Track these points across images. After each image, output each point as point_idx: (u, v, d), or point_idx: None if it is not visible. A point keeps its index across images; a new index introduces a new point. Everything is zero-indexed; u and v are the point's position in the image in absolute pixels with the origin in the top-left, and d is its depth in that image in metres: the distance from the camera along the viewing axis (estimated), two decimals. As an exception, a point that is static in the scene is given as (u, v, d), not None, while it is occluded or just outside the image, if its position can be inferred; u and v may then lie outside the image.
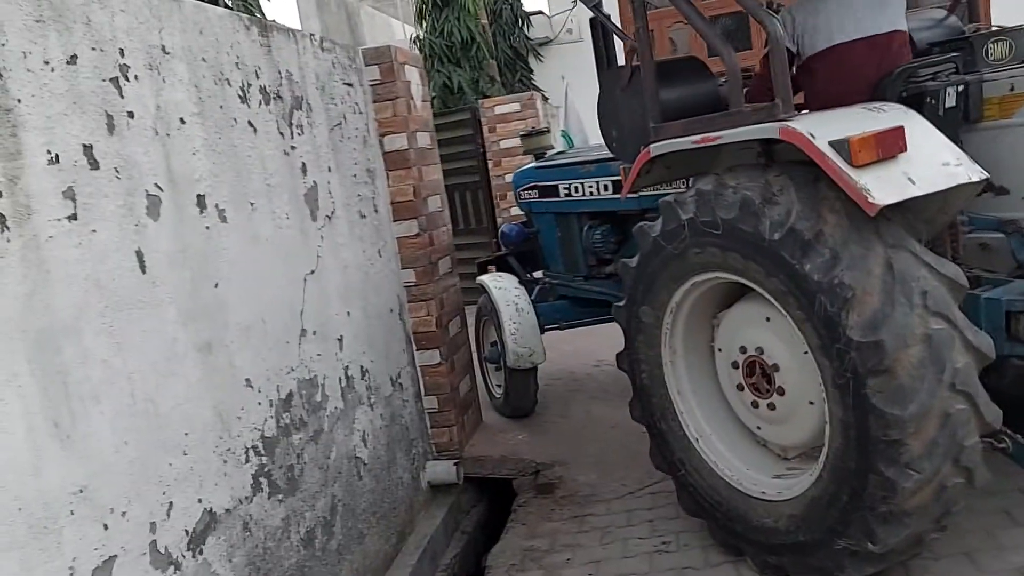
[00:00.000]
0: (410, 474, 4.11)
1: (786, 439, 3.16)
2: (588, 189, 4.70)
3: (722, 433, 3.33)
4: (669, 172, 3.45)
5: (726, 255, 2.86)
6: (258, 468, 2.82)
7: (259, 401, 2.87)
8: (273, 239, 3.07)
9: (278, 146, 3.18)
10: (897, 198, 2.50)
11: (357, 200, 3.85)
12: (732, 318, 3.19)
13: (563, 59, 10.94)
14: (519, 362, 4.84)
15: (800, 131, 2.63)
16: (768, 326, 2.98)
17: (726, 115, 2.99)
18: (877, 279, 2.49)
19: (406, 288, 4.33)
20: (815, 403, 2.87)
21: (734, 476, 3.22)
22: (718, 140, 2.96)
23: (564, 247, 5.11)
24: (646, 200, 4.15)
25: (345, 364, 3.53)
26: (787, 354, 2.94)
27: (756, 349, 3.05)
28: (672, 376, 3.36)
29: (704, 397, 3.38)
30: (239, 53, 2.99)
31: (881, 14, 3.32)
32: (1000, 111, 3.15)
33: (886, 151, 2.55)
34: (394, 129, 4.21)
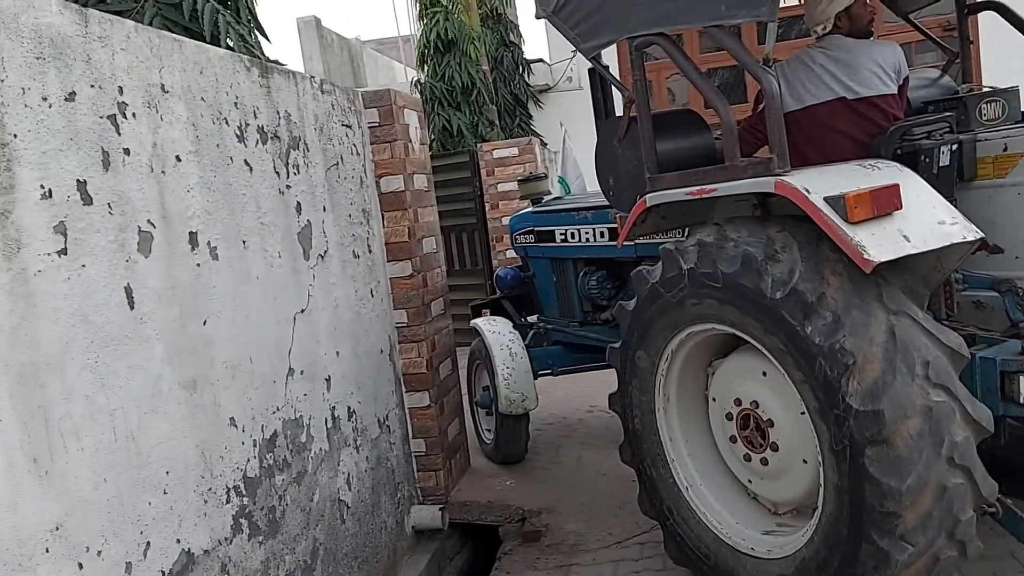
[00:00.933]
0: (394, 518, 4.07)
1: (777, 495, 3.13)
2: (585, 235, 4.71)
3: (712, 483, 3.31)
4: (664, 222, 3.48)
5: (724, 308, 2.85)
6: (239, 509, 2.79)
7: (243, 441, 2.84)
8: (264, 277, 3.07)
9: (273, 185, 3.20)
10: (892, 255, 2.50)
11: (351, 240, 3.86)
12: (728, 368, 3.18)
13: (562, 106, 11.07)
14: (511, 408, 4.79)
15: (795, 186, 2.64)
16: (764, 380, 2.96)
17: (721, 168, 3.00)
18: (879, 347, 2.47)
19: (398, 329, 4.32)
20: (809, 462, 2.85)
21: (723, 529, 3.19)
22: (713, 193, 2.97)
23: (559, 292, 5.10)
24: (642, 248, 4.17)
25: (332, 405, 3.51)
26: (783, 411, 2.91)
27: (751, 403, 3.03)
28: (664, 422, 3.35)
29: (696, 446, 3.36)
30: (238, 93, 3.02)
31: (860, 77, 3.37)
32: (994, 170, 3.18)
33: (881, 208, 2.56)
34: (391, 171, 4.24)
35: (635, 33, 3.22)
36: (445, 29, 9.42)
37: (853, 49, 3.42)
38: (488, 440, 5.21)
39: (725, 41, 2.96)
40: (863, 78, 3.37)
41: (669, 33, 3.16)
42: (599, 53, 3.54)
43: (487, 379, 5.07)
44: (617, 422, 5.73)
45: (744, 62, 2.93)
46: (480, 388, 5.29)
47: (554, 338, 5.25)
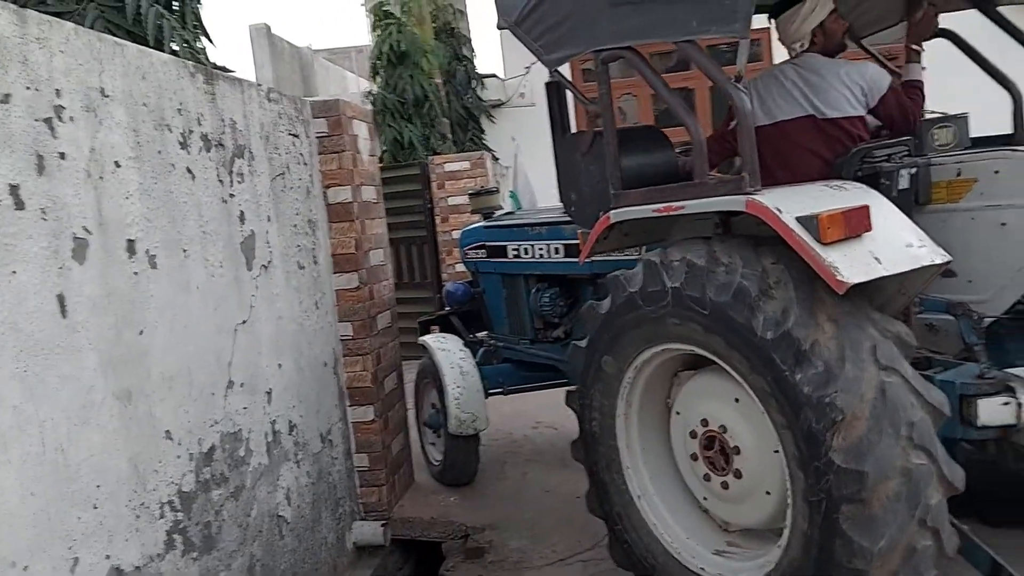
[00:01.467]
0: (335, 534, 4.01)
1: (733, 517, 3.11)
2: (538, 251, 4.62)
3: (666, 495, 3.28)
4: (627, 239, 3.43)
5: (709, 336, 2.77)
6: (173, 524, 2.71)
7: (178, 454, 2.77)
8: (205, 287, 3.01)
9: (216, 193, 3.14)
10: (865, 277, 2.48)
11: (296, 251, 3.81)
12: (697, 385, 3.12)
13: (515, 122, 11.10)
14: (462, 428, 4.67)
15: (767, 205, 2.61)
16: (736, 407, 2.91)
17: (689, 185, 2.97)
18: (868, 404, 2.44)
19: (342, 342, 4.27)
20: (772, 495, 2.82)
21: (673, 543, 3.17)
22: (681, 210, 2.93)
23: (510, 309, 5.02)
24: (597, 265, 4.11)
25: (273, 418, 3.45)
26: (753, 443, 2.86)
27: (719, 426, 2.97)
28: (624, 429, 3.29)
29: (652, 455, 3.32)
30: (182, 99, 2.97)
31: (826, 96, 3.38)
32: (948, 195, 3.22)
33: (853, 229, 2.55)
34: (339, 181, 4.20)
35: (602, 46, 3.17)
36: (398, 41, 9.39)
37: (825, 68, 3.43)
38: (436, 461, 5.06)
39: (696, 57, 2.92)
40: (832, 98, 3.38)
41: (636, 48, 3.13)
42: (560, 66, 3.49)
43: (436, 398, 4.94)
44: (563, 439, 5.75)
45: (716, 79, 2.90)
46: (428, 407, 5.14)
47: (504, 355, 5.14)
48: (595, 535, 4.19)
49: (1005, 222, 3.11)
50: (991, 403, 2.68)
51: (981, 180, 3.17)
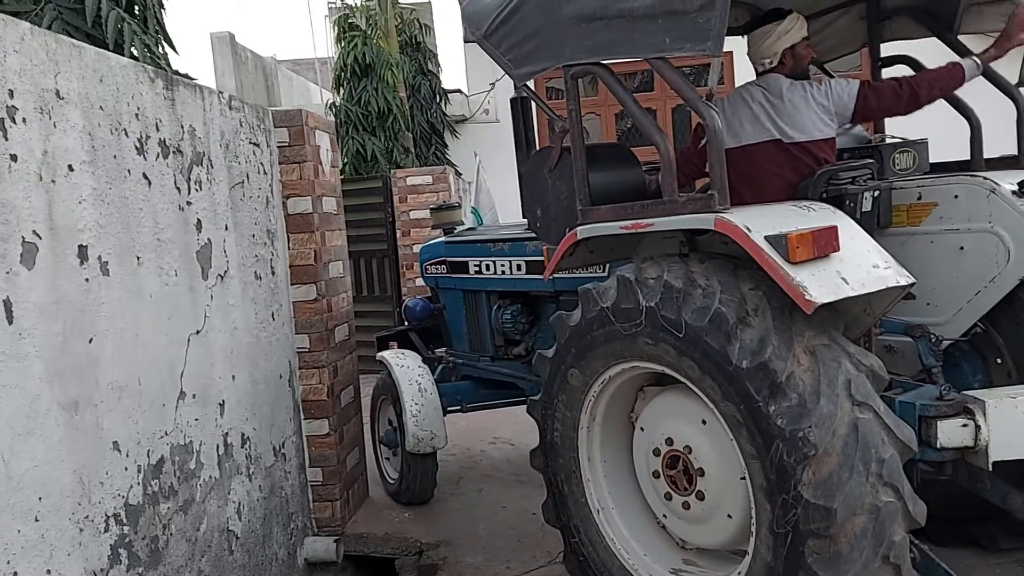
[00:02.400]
0: (286, 550, 3.94)
1: (691, 537, 3.10)
2: (500, 267, 4.58)
3: (624, 510, 3.27)
4: (592, 256, 3.39)
5: (682, 359, 2.74)
6: (118, 538, 2.64)
7: (126, 466, 2.70)
8: (158, 295, 2.95)
9: (173, 200, 3.09)
10: (832, 297, 2.49)
11: (254, 261, 3.76)
12: (663, 404, 3.10)
13: (478, 137, 11.12)
14: (420, 447, 4.58)
15: (736, 224, 2.61)
16: (703, 429, 2.89)
17: (659, 203, 2.96)
18: (840, 440, 2.44)
19: (299, 354, 4.22)
20: (734, 519, 2.83)
21: (630, 559, 3.16)
22: (650, 227, 2.92)
23: (471, 325, 4.96)
24: (560, 282, 4.09)
25: (225, 431, 3.38)
26: (718, 467, 2.84)
27: (684, 447, 2.95)
28: (585, 442, 3.27)
29: (612, 469, 3.31)
30: (140, 104, 2.92)
31: (796, 119, 3.40)
32: (908, 218, 3.30)
33: (821, 250, 2.56)
34: (299, 192, 4.16)
35: (572, 61, 3.14)
36: (363, 53, 9.37)
37: (791, 91, 3.43)
38: (392, 479, 4.98)
39: (667, 74, 2.90)
40: (798, 122, 3.39)
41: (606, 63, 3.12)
42: (527, 81, 3.46)
43: (393, 415, 4.87)
44: (520, 455, 5.73)
45: (687, 97, 2.88)
46: (384, 425, 5.06)
47: (463, 372, 5.07)
48: (550, 552, 4.18)
49: (963, 246, 3.19)
50: (950, 424, 2.71)
51: (941, 204, 3.23)
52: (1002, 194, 3.12)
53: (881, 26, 4.11)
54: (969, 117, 3.76)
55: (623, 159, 3.56)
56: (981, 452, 2.71)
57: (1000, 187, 3.14)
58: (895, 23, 4.07)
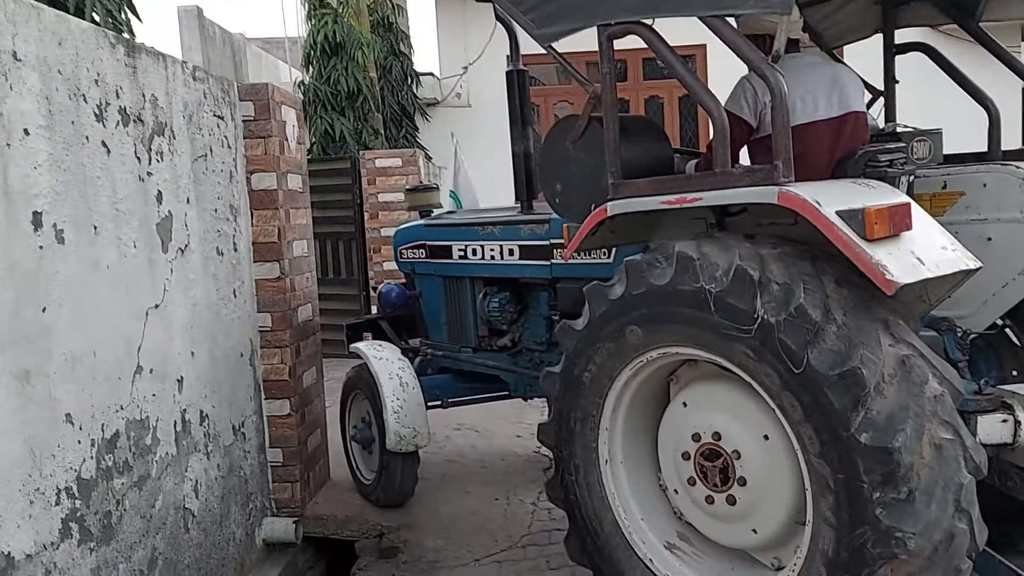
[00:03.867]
0: (244, 530, 3.89)
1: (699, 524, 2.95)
2: (489, 252, 4.29)
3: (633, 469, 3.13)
4: (613, 236, 3.15)
5: (757, 365, 2.50)
6: (70, 512, 2.58)
7: (79, 439, 2.64)
8: (116, 267, 2.88)
9: (133, 170, 3.02)
10: (913, 278, 2.33)
11: (216, 236, 3.69)
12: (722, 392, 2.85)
13: (449, 121, 11.03)
14: (401, 445, 4.24)
15: (805, 198, 2.40)
16: (763, 444, 2.68)
17: (708, 175, 2.74)
18: (927, 462, 2.30)
19: (260, 333, 4.16)
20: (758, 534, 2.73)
21: (625, 519, 3.05)
22: (699, 202, 2.69)
23: (451, 314, 4.68)
24: (559, 268, 3.87)
25: (183, 407, 3.33)
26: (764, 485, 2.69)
27: (733, 451, 2.74)
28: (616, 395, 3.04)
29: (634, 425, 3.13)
30: (100, 70, 2.84)
31: (842, 94, 3.25)
32: (932, 207, 3.15)
33: (897, 227, 2.40)
34: (264, 168, 4.09)
35: (609, 20, 2.87)
36: (333, 32, 9.26)
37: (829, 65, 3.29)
38: (367, 479, 4.64)
39: (727, 35, 2.66)
40: (850, 94, 3.25)
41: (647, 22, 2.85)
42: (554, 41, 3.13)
43: (367, 411, 4.58)
44: (484, 441, 5.72)
45: (749, 58, 2.64)
46: (358, 421, 4.73)
47: (440, 365, 4.79)
48: (511, 537, 4.19)
49: (991, 237, 3.09)
50: (990, 420, 2.62)
51: (968, 193, 3.12)
52: None
53: (896, 11, 3.85)
54: (988, 107, 3.59)
55: (653, 133, 3.34)
56: (1020, 449, 2.62)
57: None
58: (912, 8, 3.81)
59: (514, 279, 4.28)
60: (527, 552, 4.03)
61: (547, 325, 4.10)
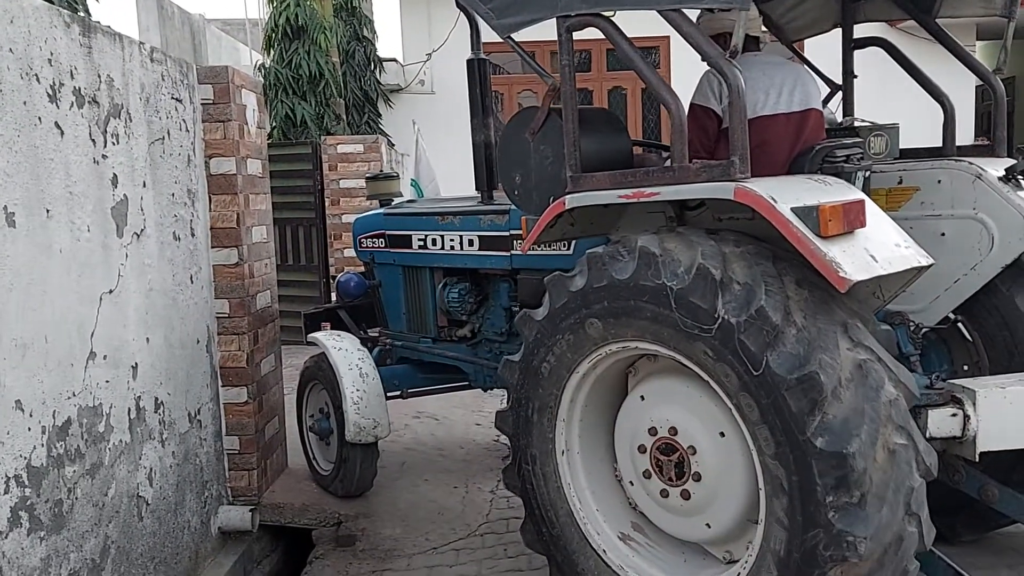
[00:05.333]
0: (199, 518, 3.85)
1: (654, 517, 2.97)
2: (449, 242, 4.26)
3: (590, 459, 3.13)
4: (572, 229, 3.13)
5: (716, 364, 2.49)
6: (19, 500, 2.53)
7: (29, 426, 2.59)
8: (69, 251, 2.83)
9: (87, 153, 2.96)
10: (867, 275, 2.34)
11: (172, 220, 3.63)
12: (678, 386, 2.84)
13: (412, 108, 10.96)
14: (361, 436, 4.20)
15: (760, 194, 2.41)
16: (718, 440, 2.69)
17: (665, 170, 2.74)
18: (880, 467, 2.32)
19: (218, 319, 4.10)
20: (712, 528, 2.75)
21: (581, 510, 3.05)
22: (656, 196, 2.69)
23: (411, 304, 4.66)
24: (519, 259, 3.85)
25: (137, 394, 3.27)
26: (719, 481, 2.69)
27: (689, 447, 2.74)
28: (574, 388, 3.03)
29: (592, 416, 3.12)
30: (54, 49, 2.78)
31: (804, 92, 3.27)
32: (887, 202, 3.19)
33: (851, 224, 2.40)
34: (223, 152, 4.03)
35: (569, 12, 2.87)
36: (296, 15, 9.13)
37: (790, 64, 3.31)
38: (324, 470, 4.60)
39: (685, 29, 2.66)
40: (810, 92, 3.27)
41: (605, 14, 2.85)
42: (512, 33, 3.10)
43: (325, 402, 4.54)
44: (444, 429, 5.71)
45: (707, 53, 2.64)
46: (315, 412, 4.68)
47: (400, 355, 4.76)
48: (469, 525, 4.20)
49: (944, 232, 3.12)
50: (940, 414, 2.65)
51: (923, 189, 3.15)
52: (988, 180, 3.05)
53: (856, 6, 3.90)
54: (943, 103, 3.63)
55: (612, 126, 3.32)
56: (968, 443, 2.65)
57: (986, 173, 3.07)
58: (870, 4, 3.86)
59: (474, 270, 4.26)
60: (485, 540, 4.05)
61: (507, 316, 4.10)
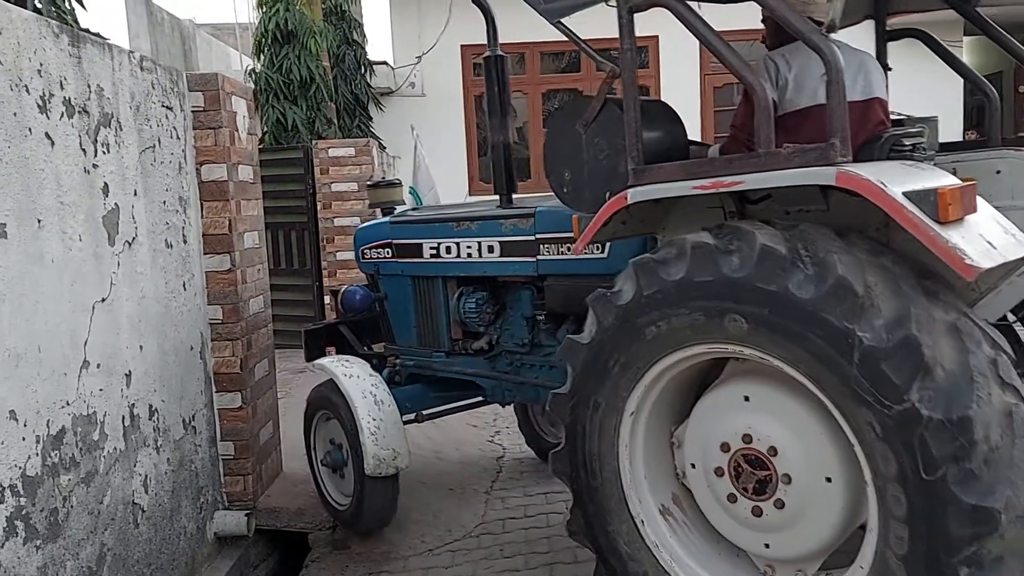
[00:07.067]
0: (195, 524, 3.86)
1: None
2: (466, 249, 4.00)
3: (652, 425, 2.85)
4: (625, 227, 2.92)
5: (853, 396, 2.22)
6: (14, 510, 2.55)
7: (23, 436, 2.60)
8: (61, 261, 2.84)
9: (78, 163, 2.97)
10: (991, 263, 2.15)
11: (164, 228, 3.64)
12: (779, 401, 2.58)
13: (404, 111, 10.96)
14: (381, 468, 3.89)
15: (869, 178, 2.21)
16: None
17: (749, 157, 2.52)
18: (997, 430, 2.11)
19: (211, 325, 4.12)
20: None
21: (630, 473, 2.81)
22: (740, 186, 2.47)
23: (422, 316, 4.38)
24: (545, 265, 3.64)
25: (131, 402, 3.29)
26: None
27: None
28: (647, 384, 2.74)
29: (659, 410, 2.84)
30: (43, 60, 2.79)
31: (867, 79, 3.12)
32: None
33: (967, 209, 2.22)
34: (214, 159, 4.05)
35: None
36: (285, 20, 9.12)
37: (851, 50, 3.14)
38: (340, 504, 4.25)
39: (773, 4, 2.51)
40: (874, 78, 3.13)
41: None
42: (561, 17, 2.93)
43: (339, 433, 4.20)
44: (441, 433, 5.70)
45: (801, 31, 2.45)
46: (325, 444, 4.35)
47: (409, 372, 4.47)
48: (465, 526, 4.22)
49: None
50: None
51: (982, 181, 2.89)
52: None
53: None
54: (987, 94, 3.48)
55: (669, 116, 3.13)
56: None
57: None
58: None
59: (492, 277, 4.01)
60: (481, 541, 4.07)
61: (528, 325, 3.89)
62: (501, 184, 3.99)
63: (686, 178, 2.59)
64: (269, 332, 4.69)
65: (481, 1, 3.46)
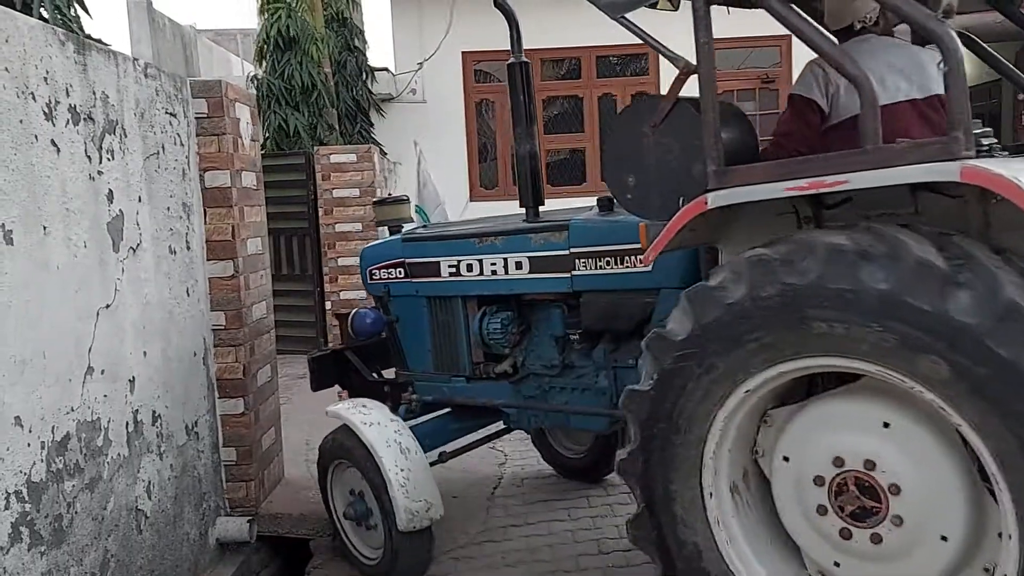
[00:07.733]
0: (198, 530, 3.86)
1: None
2: (490, 267, 3.76)
3: None
4: (694, 235, 2.75)
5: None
6: (19, 516, 2.55)
7: (28, 442, 2.61)
8: (66, 267, 2.85)
9: (83, 169, 2.98)
10: None
11: (168, 234, 3.66)
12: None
13: (405, 117, 10.99)
14: (415, 521, 3.59)
15: (1002, 174, 2.02)
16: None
17: (851, 154, 2.34)
18: None
19: (214, 331, 4.12)
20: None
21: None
22: (844, 185, 2.29)
23: (439, 340, 4.11)
24: (580, 280, 3.45)
25: (135, 408, 3.30)
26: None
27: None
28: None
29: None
30: (49, 67, 2.80)
31: (925, 76, 3.00)
32: None
33: None
34: (217, 165, 4.06)
35: None
36: (287, 26, 9.15)
37: (906, 46, 3.05)
38: (369, 559, 3.91)
39: None
40: (932, 76, 2.96)
41: None
42: (625, 12, 2.78)
43: (360, 483, 3.84)
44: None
45: (913, 16, 2.31)
46: (344, 494, 4.00)
47: (423, 400, 4.20)
48: (468, 533, 4.21)
49: None
50: None
51: None
52: None
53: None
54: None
55: (738, 119, 2.98)
56: None
57: None
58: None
59: (519, 295, 3.79)
60: (483, 548, 4.07)
61: (558, 345, 3.70)
62: (527, 196, 3.78)
63: (776, 180, 2.41)
64: (271, 338, 4.70)
65: (505, 6, 3.42)
